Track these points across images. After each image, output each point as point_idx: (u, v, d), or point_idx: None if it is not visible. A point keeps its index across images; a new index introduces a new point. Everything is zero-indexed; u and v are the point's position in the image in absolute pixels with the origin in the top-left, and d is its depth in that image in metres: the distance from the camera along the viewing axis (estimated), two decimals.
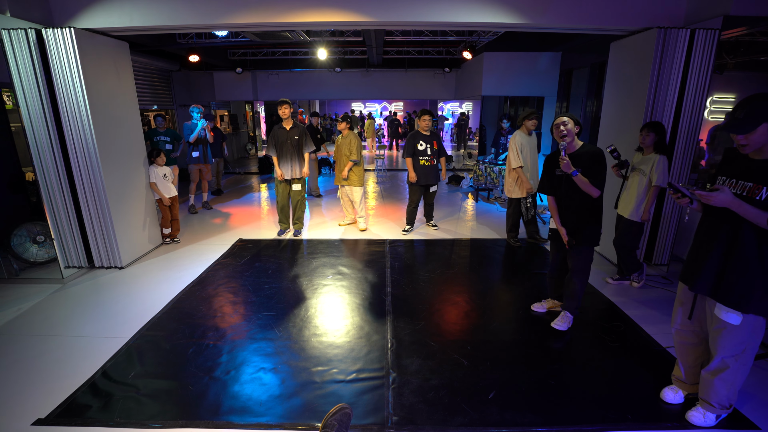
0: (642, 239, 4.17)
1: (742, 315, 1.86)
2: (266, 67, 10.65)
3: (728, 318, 1.89)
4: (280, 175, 4.93)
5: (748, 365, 1.99)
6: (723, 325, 1.93)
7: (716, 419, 2.14)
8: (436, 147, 5.19)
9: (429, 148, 5.16)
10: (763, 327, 1.90)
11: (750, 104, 1.74)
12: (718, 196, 1.76)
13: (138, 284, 3.89)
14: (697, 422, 2.14)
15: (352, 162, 5.17)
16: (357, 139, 5.22)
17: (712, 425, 2.13)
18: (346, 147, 5.19)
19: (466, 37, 8.03)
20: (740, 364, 1.97)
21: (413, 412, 2.24)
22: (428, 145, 5.16)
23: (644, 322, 3.18)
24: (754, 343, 1.93)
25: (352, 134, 5.25)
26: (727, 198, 1.76)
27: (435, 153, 5.20)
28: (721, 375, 2.02)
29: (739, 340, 1.92)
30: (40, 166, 3.83)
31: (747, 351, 1.94)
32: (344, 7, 3.95)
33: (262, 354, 2.76)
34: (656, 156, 3.34)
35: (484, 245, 4.97)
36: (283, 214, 5.23)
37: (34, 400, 2.33)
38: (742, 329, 1.89)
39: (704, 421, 2.13)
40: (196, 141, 6.06)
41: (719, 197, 1.76)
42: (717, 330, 1.97)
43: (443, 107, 15.56)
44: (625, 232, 3.57)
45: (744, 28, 3.94)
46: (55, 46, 3.61)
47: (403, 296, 3.61)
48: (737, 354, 1.95)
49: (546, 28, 4.13)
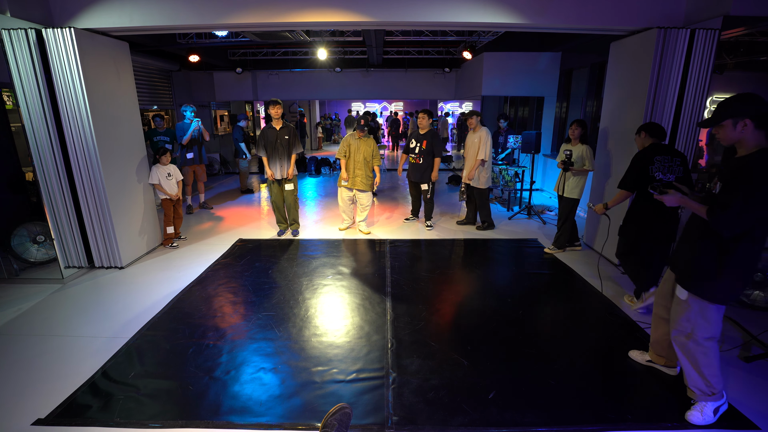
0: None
1: (687, 292, 2.10)
2: (266, 67, 10.64)
3: (679, 292, 2.15)
4: (270, 175, 4.93)
5: (708, 353, 2.11)
6: (677, 300, 2.19)
7: (714, 414, 2.16)
8: (425, 146, 5.18)
9: (417, 147, 5.23)
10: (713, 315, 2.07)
11: (721, 103, 1.96)
12: (669, 198, 2.14)
13: (138, 284, 3.89)
14: (696, 421, 2.15)
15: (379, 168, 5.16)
16: (375, 143, 5.19)
17: (712, 422, 2.15)
18: (369, 152, 5.06)
19: (466, 37, 8.03)
20: (694, 344, 2.13)
21: (413, 412, 2.24)
22: (418, 144, 5.24)
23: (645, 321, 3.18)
24: (703, 326, 2.09)
25: (372, 138, 5.17)
26: (675, 198, 2.12)
27: (423, 152, 5.20)
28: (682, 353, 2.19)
29: (685, 317, 2.13)
30: (40, 166, 3.83)
31: (696, 334, 2.11)
32: (344, 7, 3.95)
33: (262, 354, 2.76)
34: (582, 146, 4.33)
35: (484, 245, 4.97)
36: (280, 214, 5.22)
37: (34, 400, 2.33)
38: (689, 307, 2.11)
39: (703, 419, 2.15)
40: (190, 142, 6.01)
41: (669, 199, 2.13)
42: (674, 303, 2.23)
43: (443, 107, 15.54)
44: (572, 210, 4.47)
45: (744, 28, 3.94)
46: (55, 46, 3.61)
47: (403, 296, 3.61)
48: (687, 332, 2.14)
49: (546, 28, 4.13)
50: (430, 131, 5.27)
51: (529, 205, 6.25)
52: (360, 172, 5.11)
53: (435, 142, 5.23)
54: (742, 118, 1.86)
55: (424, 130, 5.25)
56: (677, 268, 2.19)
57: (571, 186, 4.38)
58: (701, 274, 2.03)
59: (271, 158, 4.88)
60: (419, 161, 5.25)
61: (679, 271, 2.17)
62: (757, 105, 1.85)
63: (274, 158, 4.87)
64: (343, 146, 5.16)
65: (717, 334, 2.11)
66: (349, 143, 5.13)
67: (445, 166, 10.68)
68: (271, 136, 4.85)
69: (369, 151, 5.09)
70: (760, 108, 1.84)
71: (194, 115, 6.03)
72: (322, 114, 19.59)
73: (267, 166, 4.94)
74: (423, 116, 5.26)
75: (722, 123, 1.92)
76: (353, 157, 5.11)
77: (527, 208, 6.27)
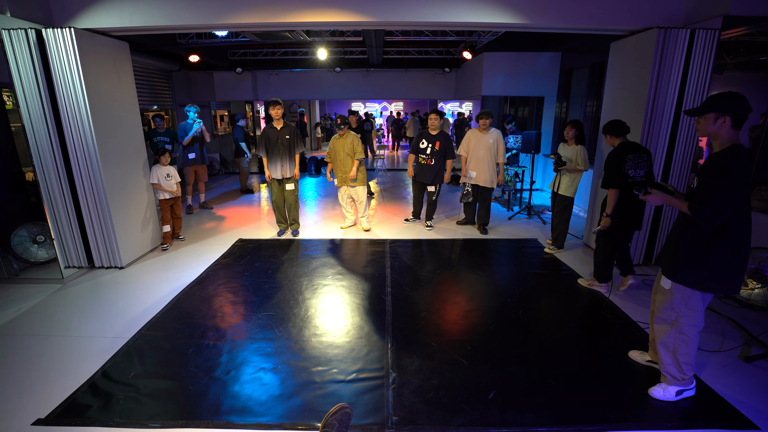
0: (642, 240, 4.19)
1: (670, 281, 2.19)
2: (266, 67, 10.63)
3: (663, 282, 2.26)
4: (268, 176, 4.93)
5: (689, 342, 2.22)
6: (661, 290, 2.29)
7: (676, 394, 2.28)
8: (438, 147, 5.14)
9: (429, 148, 5.16)
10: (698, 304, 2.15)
11: (710, 96, 2.07)
12: (653, 197, 2.25)
13: (138, 284, 3.89)
14: (657, 395, 2.32)
15: (358, 161, 5.11)
16: (357, 137, 5.14)
17: (672, 399, 2.29)
18: (348, 146, 5.07)
19: (466, 37, 8.03)
20: (677, 332, 2.23)
21: (413, 412, 2.24)
22: (430, 145, 5.16)
23: (644, 321, 3.18)
24: (686, 314, 2.19)
25: (352, 133, 5.15)
26: (659, 198, 2.24)
27: (435, 153, 5.16)
28: (662, 340, 2.29)
29: (669, 305, 2.23)
30: (40, 166, 3.83)
31: (681, 321, 2.21)
32: (344, 7, 3.95)
33: (262, 354, 2.76)
34: (576, 147, 4.31)
35: (484, 245, 4.97)
36: (280, 214, 5.22)
37: (34, 400, 2.33)
38: (673, 296, 2.20)
39: (664, 395, 2.31)
40: (191, 141, 6.01)
41: (654, 198, 2.25)
42: (658, 293, 2.33)
43: (443, 107, 15.54)
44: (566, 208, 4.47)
45: (744, 28, 3.94)
46: (55, 46, 3.61)
47: (403, 296, 3.61)
48: (671, 321, 2.24)
49: (546, 28, 4.13)
50: (441, 132, 5.21)
51: (529, 205, 6.25)
52: (346, 168, 5.15)
53: (448, 144, 5.18)
54: (723, 114, 1.97)
55: (436, 131, 5.20)
56: (662, 261, 2.28)
57: (566, 185, 4.41)
58: (686, 261, 2.12)
59: (271, 158, 4.88)
60: (431, 162, 5.18)
61: (663, 263, 2.26)
62: (740, 106, 1.96)
63: (275, 158, 4.86)
64: (329, 148, 5.29)
65: (700, 323, 2.20)
66: (333, 143, 5.22)
67: None
68: (272, 136, 4.85)
69: (349, 146, 5.08)
70: (741, 109, 1.96)
71: (197, 115, 6.03)
72: (322, 114, 19.58)
73: (266, 167, 4.93)
74: (434, 117, 5.18)
75: (706, 115, 2.03)
76: (337, 156, 5.17)
77: (527, 208, 6.27)
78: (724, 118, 1.97)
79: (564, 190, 4.43)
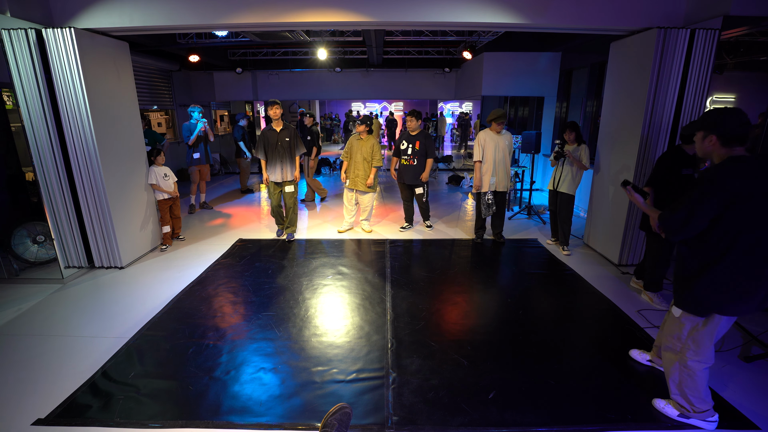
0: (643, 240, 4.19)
1: (680, 310, 2.08)
2: (266, 67, 10.63)
3: (674, 310, 2.15)
4: (265, 179, 4.89)
5: (695, 377, 2.08)
6: (671, 317, 2.18)
7: (678, 416, 2.19)
8: (418, 147, 5.13)
9: (410, 148, 5.18)
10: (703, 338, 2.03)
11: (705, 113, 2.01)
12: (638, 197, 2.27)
13: (138, 284, 3.89)
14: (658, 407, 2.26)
15: (376, 168, 5.08)
16: (377, 143, 5.12)
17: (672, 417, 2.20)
18: (367, 151, 5.02)
19: (466, 37, 8.03)
20: (682, 365, 2.11)
21: (413, 412, 2.24)
22: (410, 145, 5.18)
23: (645, 322, 3.18)
24: (692, 348, 2.06)
25: (373, 138, 5.10)
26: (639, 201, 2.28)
27: (416, 153, 5.15)
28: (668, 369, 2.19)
29: (677, 335, 2.12)
30: (40, 166, 3.83)
31: (686, 355, 2.08)
32: (344, 7, 3.95)
33: (262, 354, 2.77)
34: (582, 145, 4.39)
35: (484, 245, 4.96)
36: (278, 216, 5.19)
37: (34, 400, 2.33)
38: (682, 325, 2.08)
39: (664, 409, 2.24)
40: (196, 141, 6.05)
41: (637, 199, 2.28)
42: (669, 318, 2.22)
43: (443, 107, 15.54)
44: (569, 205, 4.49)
45: (744, 28, 3.94)
46: (55, 46, 3.61)
47: (403, 296, 3.61)
48: (677, 351, 2.13)
49: (546, 28, 4.13)
50: (421, 132, 5.22)
51: (529, 205, 6.25)
52: (360, 172, 5.09)
53: (428, 143, 5.17)
54: (709, 133, 1.90)
55: (415, 131, 5.22)
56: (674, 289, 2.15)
57: (569, 182, 4.41)
58: (681, 283, 2.04)
59: (270, 160, 4.83)
60: (413, 162, 5.18)
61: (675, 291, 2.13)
62: (727, 124, 1.85)
63: (275, 160, 4.81)
64: (346, 147, 5.22)
65: (708, 360, 2.05)
66: (352, 143, 5.15)
67: (445, 166, 10.67)
68: (271, 138, 4.80)
69: (367, 151, 5.05)
70: (727, 127, 1.85)
71: (201, 115, 6.05)
72: (322, 114, 19.58)
73: (264, 170, 4.89)
74: (411, 119, 5.19)
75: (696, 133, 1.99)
76: (353, 157, 5.11)
77: (527, 208, 6.27)
78: (710, 137, 1.89)
79: (566, 188, 4.44)
